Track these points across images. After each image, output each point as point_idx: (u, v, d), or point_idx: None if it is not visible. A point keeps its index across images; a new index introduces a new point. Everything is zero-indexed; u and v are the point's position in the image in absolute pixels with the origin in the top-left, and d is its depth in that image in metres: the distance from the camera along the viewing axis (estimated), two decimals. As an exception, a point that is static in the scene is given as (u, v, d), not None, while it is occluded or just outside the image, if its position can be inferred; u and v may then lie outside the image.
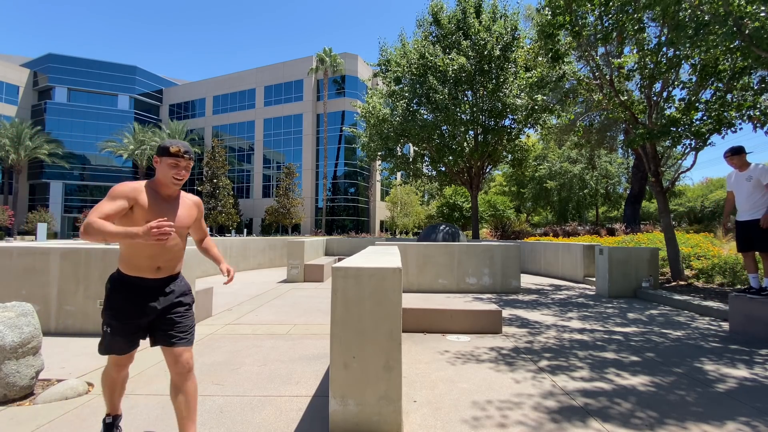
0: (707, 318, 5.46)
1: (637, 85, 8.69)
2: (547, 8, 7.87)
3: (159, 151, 1.98)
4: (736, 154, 4.88)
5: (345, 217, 43.89)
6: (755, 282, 4.80)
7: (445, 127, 14.73)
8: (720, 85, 7.24)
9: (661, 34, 7.54)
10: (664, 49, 7.23)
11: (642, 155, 8.38)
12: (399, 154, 17.15)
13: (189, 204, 2.12)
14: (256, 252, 12.15)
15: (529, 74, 11.22)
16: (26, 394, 2.72)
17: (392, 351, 2.21)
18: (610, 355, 3.77)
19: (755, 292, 4.68)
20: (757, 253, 4.85)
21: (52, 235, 34.61)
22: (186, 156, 1.97)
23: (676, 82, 7.92)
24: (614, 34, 7.36)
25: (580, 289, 8.28)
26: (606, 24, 7.43)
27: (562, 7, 7.52)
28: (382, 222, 46.81)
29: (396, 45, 15.78)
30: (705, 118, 7.24)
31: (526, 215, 34.13)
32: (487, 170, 17.19)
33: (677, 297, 6.32)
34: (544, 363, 3.53)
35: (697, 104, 7.33)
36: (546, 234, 20.75)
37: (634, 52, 7.62)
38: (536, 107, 13.47)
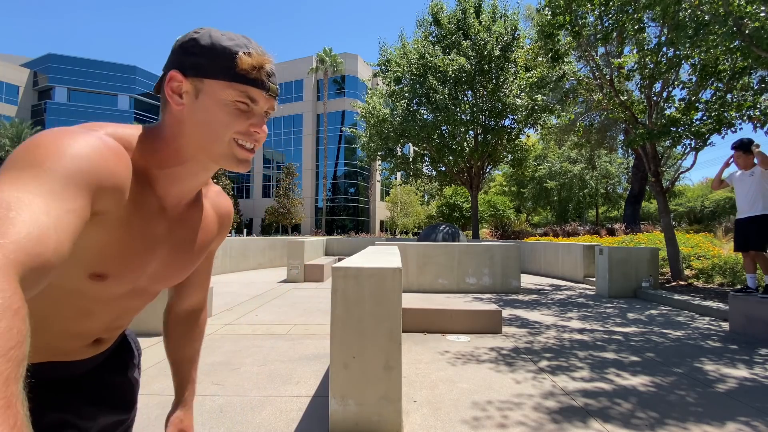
0: (707, 318, 5.46)
1: (637, 85, 8.69)
2: (547, 8, 7.87)
3: (198, 59, 0.66)
4: (741, 148, 4.84)
5: (345, 217, 43.91)
6: (752, 282, 4.81)
7: (445, 127, 14.75)
8: (720, 85, 7.24)
9: (661, 34, 7.54)
10: (664, 49, 7.24)
11: (642, 155, 8.38)
12: (399, 154, 17.18)
13: (209, 221, 0.85)
14: (256, 252, 12.15)
15: (529, 74, 11.22)
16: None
17: (392, 351, 2.21)
18: (610, 355, 3.77)
19: (752, 291, 4.69)
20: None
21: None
22: (273, 83, 0.70)
23: (676, 82, 7.93)
24: (614, 34, 7.36)
25: (580, 289, 8.28)
26: (606, 24, 7.44)
27: (562, 7, 7.52)
28: (382, 222, 46.82)
29: (396, 45, 15.82)
30: (705, 118, 7.24)
31: (526, 215, 34.12)
32: (487, 170, 17.21)
33: (677, 297, 6.32)
34: (544, 363, 3.53)
35: (697, 104, 7.33)
36: (546, 234, 20.74)
37: (634, 52, 7.63)
38: (536, 107, 13.50)
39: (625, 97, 8.27)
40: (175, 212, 0.76)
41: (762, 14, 5.41)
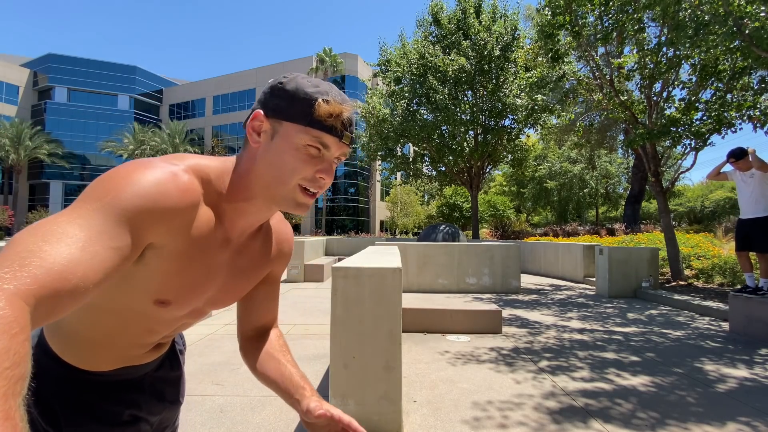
0: (707, 318, 5.45)
1: (637, 85, 8.69)
2: (547, 8, 7.87)
3: (280, 102, 0.68)
4: (734, 157, 4.88)
5: (345, 217, 43.91)
6: (751, 281, 4.81)
7: (445, 127, 14.75)
8: (720, 85, 7.24)
9: (661, 34, 7.54)
10: (664, 49, 7.23)
11: (642, 155, 8.38)
12: (399, 154, 17.17)
13: (268, 248, 0.87)
14: (256, 252, 12.13)
15: (529, 74, 11.23)
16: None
17: (392, 351, 2.21)
18: (610, 355, 3.77)
19: (752, 291, 4.69)
20: (753, 253, 4.86)
21: (52, 235, 34.49)
22: (350, 132, 0.71)
23: (676, 82, 7.92)
24: (614, 34, 7.36)
25: (580, 289, 8.27)
26: (606, 24, 7.43)
27: (562, 7, 7.51)
28: (382, 222, 46.81)
29: (396, 45, 15.80)
30: (705, 118, 7.24)
31: (526, 215, 34.12)
32: (487, 170, 17.21)
33: (677, 297, 6.32)
34: (544, 363, 3.53)
35: (697, 104, 7.33)
36: (546, 234, 20.74)
37: (634, 52, 7.62)
38: (536, 107, 13.49)
39: (625, 97, 8.26)
40: (238, 242, 0.78)
41: (762, 14, 5.41)
